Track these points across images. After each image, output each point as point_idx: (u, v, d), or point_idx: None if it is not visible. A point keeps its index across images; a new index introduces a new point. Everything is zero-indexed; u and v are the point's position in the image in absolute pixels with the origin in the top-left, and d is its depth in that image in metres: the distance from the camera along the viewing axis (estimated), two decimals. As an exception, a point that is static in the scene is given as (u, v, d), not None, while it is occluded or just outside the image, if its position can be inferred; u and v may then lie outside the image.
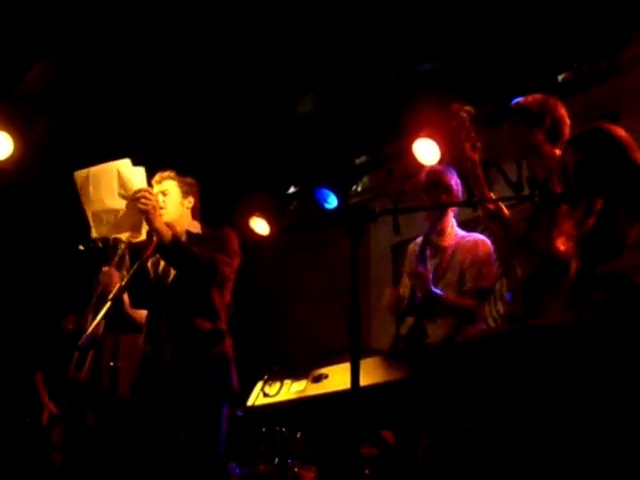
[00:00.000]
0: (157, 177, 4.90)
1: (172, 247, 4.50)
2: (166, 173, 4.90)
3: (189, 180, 4.92)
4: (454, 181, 4.75)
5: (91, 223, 4.52)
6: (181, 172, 4.95)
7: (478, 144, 4.11)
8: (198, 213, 4.98)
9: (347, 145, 7.54)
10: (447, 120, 4.29)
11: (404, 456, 4.06)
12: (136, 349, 4.86)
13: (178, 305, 4.66)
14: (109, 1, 5.76)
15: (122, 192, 4.45)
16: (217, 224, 5.04)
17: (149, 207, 4.42)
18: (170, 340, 4.60)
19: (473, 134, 4.11)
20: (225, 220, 7.81)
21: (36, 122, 7.04)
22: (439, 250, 4.69)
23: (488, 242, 4.66)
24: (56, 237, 5.87)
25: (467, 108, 4.12)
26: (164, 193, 4.83)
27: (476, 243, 4.66)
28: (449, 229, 4.75)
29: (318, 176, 7.72)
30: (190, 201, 4.89)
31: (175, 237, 4.55)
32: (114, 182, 4.45)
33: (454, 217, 4.82)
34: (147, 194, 4.44)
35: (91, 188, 4.47)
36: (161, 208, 4.75)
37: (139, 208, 4.40)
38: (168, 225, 4.77)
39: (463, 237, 4.75)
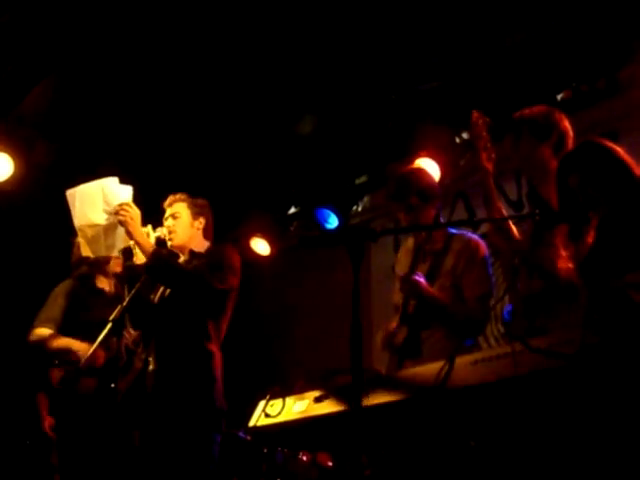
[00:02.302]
0: (168, 200, 4.98)
1: (153, 260, 4.54)
2: (177, 195, 4.98)
3: (200, 201, 4.99)
4: (426, 179, 4.58)
5: (79, 239, 4.72)
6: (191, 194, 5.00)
7: (493, 155, 4.08)
8: (211, 233, 5.02)
9: (347, 165, 7.55)
10: (449, 135, 4.27)
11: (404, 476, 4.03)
12: None
13: (169, 324, 4.68)
14: (107, 22, 5.78)
15: (106, 208, 4.60)
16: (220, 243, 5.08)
17: (127, 218, 4.52)
18: (157, 357, 4.62)
19: (490, 144, 4.09)
20: (225, 241, 7.84)
21: (36, 143, 7.06)
22: (428, 254, 4.50)
23: (480, 241, 4.47)
24: (56, 258, 5.87)
25: (485, 118, 4.11)
26: (174, 216, 4.90)
27: (468, 244, 4.45)
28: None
29: (319, 196, 7.72)
30: (201, 222, 4.94)
31: (156, 250, 4.58)
32: (99, 198, 4.61)
33: (440, 214, 4.64)
34: (126, 206, 4.55)
35: (77, 204, 4.66)
36: (172, 232, 4.82)
37: (118, 220, 4.53)
38: (179, 248, 4.83)
39: (453, 236, 4.51)
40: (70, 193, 4.70)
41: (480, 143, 4.09)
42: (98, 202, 4.60)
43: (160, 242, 4.84)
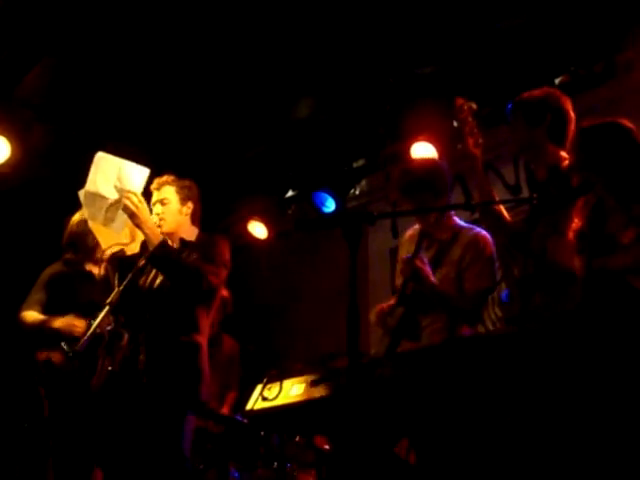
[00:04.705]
0: (155, 184, 4.90)
1: (159, 250, 4.53)
2: (164, 178, 4.89)
3: (188, 183, 4.91)
4: (441, 175, 4.54)
5: (82, 200, 4.68)
6: (179, 175, 4.95)
7: (480, 140, 4.07)
8: (198, 217, 4.97)
9: (345, 148, 7.53)
10: (446, 119, 4.27)
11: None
12: None
13: (159, 313, 4.67)
14: (108, 5, 5.76)
15: (118, 185, 4.58)
16: (214, 228, 5.05)
17: (132, 209, 4.48)
18: (146, 347, 4.62)
19: (476, 130, 4.07)
20: (222, 224, 7.83)
21: (34, 126, 7.03)
22: (434, 242, 4.50)
23: (488, 237, 4.44)
24: (54, 241, 5.86)
25: (471, 104, 4.09)
26: (162, 202, 4.83)
27: (476, 238, 4.45)
28: (445, 219, 4.54)
29: (316, 180, 7.72)
30: (189, 207, 4.88)
31: (163, 241, 4.56)
32: (114, 173, 4.59)
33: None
34: (133, 197, 4.51)
35: (94, 170, 4.63)
36: (162, 219, 4.78)
37: (122, 208, 4.51)
38: (168, 235, 4.80)
39: (462, 229, 4.53)
40: (97, 156, 4.68)
41: (466, 129, 4.07)
42: (112, 177, 4.59)
43: None
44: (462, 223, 4.60)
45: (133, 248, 4.76)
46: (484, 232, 4.50)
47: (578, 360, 2.81)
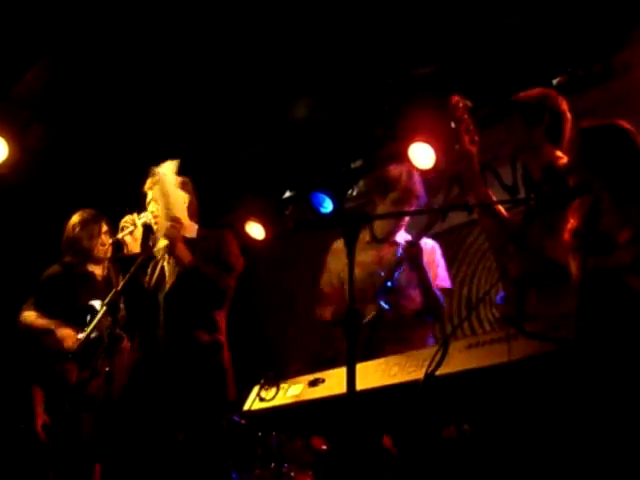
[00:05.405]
0: (148, 183, 4.88)
1: (190, 271, 4.51)
2: (156, 178, 4.88)
3: (180, 179, 4.88)
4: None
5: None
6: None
7: (476, 138, 4.06)
8: (195, 212, 4.94)
9: (342, 149, 7.53)
10: (444, 120, 4.27)
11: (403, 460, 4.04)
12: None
13: (176, 314, 4.63)
14: (105, 5, 5.76)
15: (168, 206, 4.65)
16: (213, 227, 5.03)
17: (175, 235, 4.56)
18: (166, 349, 4.58)
19: (472, 127, 4.06)
20: (220, 225, 7.82)
21: (32, 126, 7.02)
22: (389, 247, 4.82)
23: (437, 246, 4.85)
24: (53, 241, 5.85)
25: (466, 101, 4.08)
26: (156, 200, 4.80)
27: (425, 246, 4.74)
28: (401, 229, 4.93)
29: (314, 180, 7.71)
30: (184, 200, 4.84)
31: (192, 262, 4.55)
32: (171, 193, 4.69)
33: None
34: (176, 231, 4.56)
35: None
36: (156, 217, 4.74)
37: (166, 232, 4.56)
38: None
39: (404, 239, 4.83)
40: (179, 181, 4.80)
41: (462, 126, 4.06)
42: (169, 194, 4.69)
43: (147, 228, 4.80)
44: (409, 236, 4.90)
45: (133, 248, 4.73)
46: (432, 241, 4.91)
47: (576, 359, 2.81)
